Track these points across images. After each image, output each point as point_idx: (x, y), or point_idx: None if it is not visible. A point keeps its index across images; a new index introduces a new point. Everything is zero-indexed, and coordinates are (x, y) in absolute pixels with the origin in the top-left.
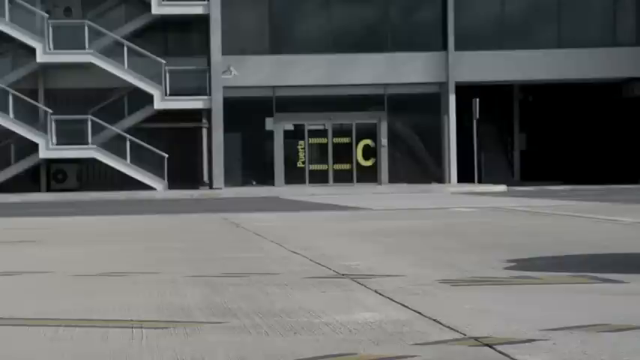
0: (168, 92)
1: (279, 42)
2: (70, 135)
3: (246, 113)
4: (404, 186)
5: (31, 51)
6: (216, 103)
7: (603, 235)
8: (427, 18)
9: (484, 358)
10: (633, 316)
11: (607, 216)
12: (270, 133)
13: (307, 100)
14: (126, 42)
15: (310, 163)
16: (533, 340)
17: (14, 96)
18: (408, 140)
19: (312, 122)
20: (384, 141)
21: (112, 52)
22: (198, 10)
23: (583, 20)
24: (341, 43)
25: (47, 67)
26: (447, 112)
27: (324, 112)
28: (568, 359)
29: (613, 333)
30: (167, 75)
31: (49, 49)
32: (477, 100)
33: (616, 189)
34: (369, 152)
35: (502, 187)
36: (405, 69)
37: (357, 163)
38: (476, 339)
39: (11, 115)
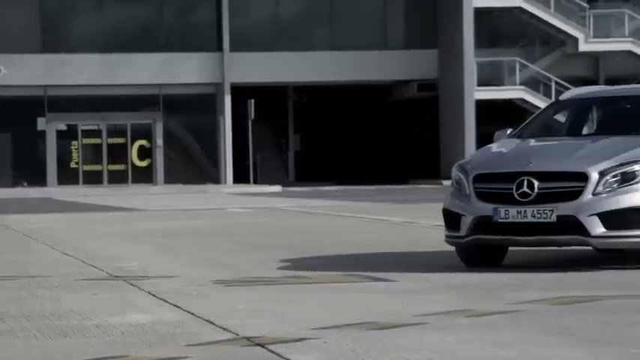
0: None
1: (51, 41)
2: None
3: (17, 113)
4: (179, 187)
5: None
6: None
7: (375, 234)
8: (202, 19)
9: (255, 357)
10: (401, 313)
11: (378, 216)
12: (42, 133)
13: (81, 100)
14: None
15: (84, 163)
16: (305, 338)
17: None
18: (184, 141)
19: (85, 122)
20: (160, 141)
21: None
22: None
23: (355, 23)
24: (115, 42)
25: None
26: (222, 112)
27: (98, 112)
28: (338, 357)
29: (381, 330)
30: None
31: None
32: (252, 101)
33: (386, 189)
34: (144, 153)
35: (277, 188)
36: (181, 69)
37: (132, 164)
38: (248, 339)
39: None
